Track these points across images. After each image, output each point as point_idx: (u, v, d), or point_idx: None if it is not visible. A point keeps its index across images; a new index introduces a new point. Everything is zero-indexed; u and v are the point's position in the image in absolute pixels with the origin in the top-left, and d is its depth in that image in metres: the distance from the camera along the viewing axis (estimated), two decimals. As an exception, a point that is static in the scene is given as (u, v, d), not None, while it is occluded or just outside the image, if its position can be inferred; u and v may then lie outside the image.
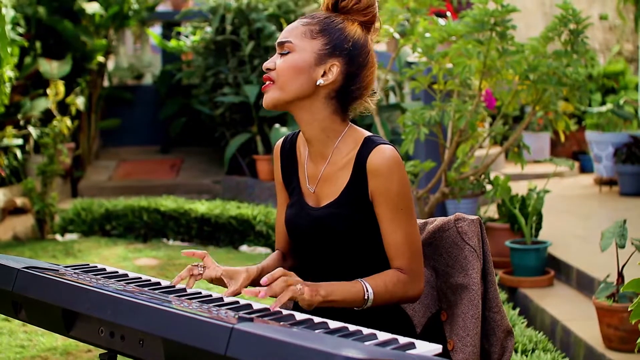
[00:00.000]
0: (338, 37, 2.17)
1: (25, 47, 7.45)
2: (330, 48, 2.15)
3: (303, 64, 2.14)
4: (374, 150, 2.13)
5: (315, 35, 2.16)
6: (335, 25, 2.17)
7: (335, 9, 2.20)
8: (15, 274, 1.94)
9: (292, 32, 2.17)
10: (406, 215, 2.13)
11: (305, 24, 2.18)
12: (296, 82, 2.14)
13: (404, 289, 2.12)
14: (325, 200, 2.21)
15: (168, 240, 7.14)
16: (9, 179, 7.93)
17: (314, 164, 2.24)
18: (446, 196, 5.60)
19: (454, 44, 5.08)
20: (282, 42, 2.16)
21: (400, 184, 2.12)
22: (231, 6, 8.88)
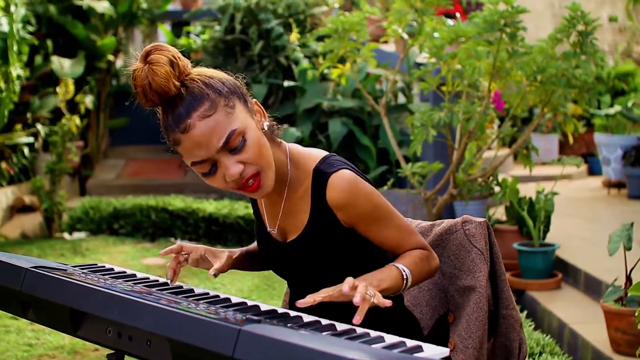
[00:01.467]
0: (229, 86, 2.02)
1: (35, 45, 7.45)
2: (240, 97, 2.01)
3: (257, 132, 1.99)
4: (328, 186, 2.04)
5: (230, 104, 1.97)
6: (204, 89, 1.98)
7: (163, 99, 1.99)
8: (23, 273, 1.94)
9: (220, 129, 1.93)
10: (388, 217, 2.10)
11: (209, 109, 1.94)
12: (268, 149, 2.02)
13: (429, 262, 2.12)
14: (290, 234, 2.16)
15: (176, 240, 7.16)
16: (17, 177, 7.95)
17: (271, 203, 2.18)
18: (454, 198, 5.60)
19: (463, 45, 5.07)
20: (227, 142, 1.93)
21: (369, 200, 2.06)
22: (240, 5, 8.88)
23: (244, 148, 1.94)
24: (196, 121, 1.92)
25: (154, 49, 1.98)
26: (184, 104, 1.95)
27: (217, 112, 1.93)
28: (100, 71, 9.38)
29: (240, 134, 1.94)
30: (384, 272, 2.01)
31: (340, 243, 2.10)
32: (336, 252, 2.11)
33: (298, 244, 2.13)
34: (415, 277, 2.05)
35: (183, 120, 1.94)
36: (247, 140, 1.95)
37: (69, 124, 7.14)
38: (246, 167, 1.96)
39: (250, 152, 1.95)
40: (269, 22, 8.70)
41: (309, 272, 2.16)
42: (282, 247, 2.18)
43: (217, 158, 1.94)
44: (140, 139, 10.64)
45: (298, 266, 2.17)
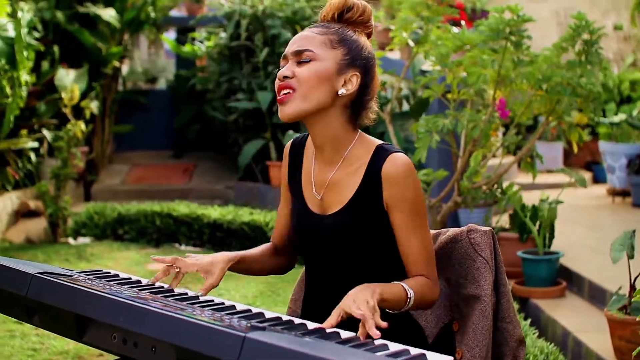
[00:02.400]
0: (356, 48, 2.17)
1: (42, 51, 7.48)
2: (349, 58, 2.16)
3: (326, 72, 2.13)
4: (388, 158, 2.14)
5: (335, 45, 2.15)
6: (350, 36, 2.18)
7: (339, 19, 2.21)
8: (29, 279, 1.95)
9: (310, 41, 2.14)
10: (421, 222, 2.15)
11: (322, 33, 2.16)
12: (319, 91, 2.13)
13: (431, 292, 2.15)
14: (332, 208, 2.21)
15: (180, 246, 7.16)
16: (22, 182, 7.96)
17: (322, 171, 2.24)
18: (459, 205, 5.60)
19: (468, 53, 5.08)
20: (301, 51, 2.13)
21: (416, 191, 2.14)
22: (246, 12, 8.91)
23: (304, 65, 2.12)
24: (308, 28, 2.20)
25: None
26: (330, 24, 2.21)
27: (321, 35, 2.15)
28: (106, 77, 9.41)
29: (312, 56, 2.13)
30: (389, 286, 2.06)
31: (374, 228, 2.15)
32: (368, 236, 2.16)
33: (338, 217, 2.18)
34: (417, 302, 2.10)
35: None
36: (309, 63, 2.12)
37: (74, 130, 7.16)
38: (291, 79, 2.12)
39: (305, 71, 2.12)
40: (276, 28, 8.72)
41: (337, 251, 2.18)
42: (320, 219, 2.21)
43: (288, 58, 2.15)
44: (145, 144, 10.68)
45: (329, 241, 2.19)
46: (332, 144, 2.20)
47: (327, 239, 2.19)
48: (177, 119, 10.40)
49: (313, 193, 2.24)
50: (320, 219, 2.22)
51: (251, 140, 8.95)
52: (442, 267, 2.34)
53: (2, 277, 2.02)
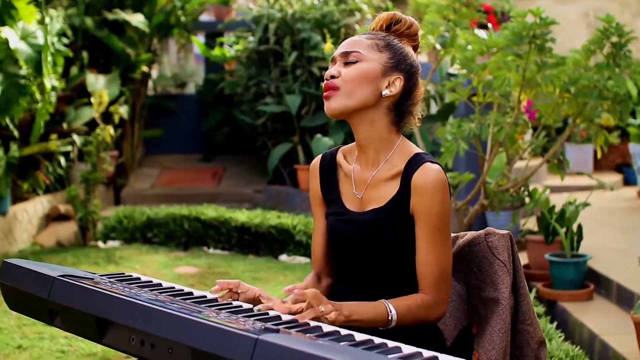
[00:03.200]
0: (401, 54, 2.26)
1: (71, 57, 7.56)
2: (394, 62, 2.24)
3: (371, 73, 2.21)
4: (420, 168, 2.17)
5: (381, 49, 2.24)
6: (396, 43, 2.28)
7: (387, 30, 2.31)
8: (51, 282, 1.99)
9: (357, 44, 2.25)
10: (442, 238, 2.16)
11: (369, 38, 2.26)
12: (363, 90, 2.21)
13: (426, 313, 2.16)
14: (370, 205, 2.24)
15: (208, 249, 7.21)
16: (53, 186, 8.05)
17: (363, 171, 2.29)
18: (485, 208, 5.59)
19: (493, 57, 5.08)
20: (348, 52, 2.23)
21: (442, 206, 2.16)
22: (275, 16, 8.95)
23: (350, 65, 2.22)
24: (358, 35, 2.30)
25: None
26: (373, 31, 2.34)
27: (368, 40, 2.26)
28: (135, 82, 9.48)
29: (359, 57, 2.23)
30: (369, 306, 2.10)
31: (404, 232, 2.19)
32: (400, 237, 2.19)
33: (373, 214, 2.22)
34: (402, 321, 2.12)
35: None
36: (355, 64, 2.22)
37: (103, 134, 7.23)
38: (337, 78, 2.22)
39: (350, 71, 2.21)
40: (305, 31, 8.75)
41: (366, 248, 2.22)
42: (355, 215, 2.25)
43: (336, 59, 2.26)
44: (174, 148, 10.75)
45: (360, 237, 2.22)
46: (375, 145, 2.25)
47: (358, 234, 2.22)
48: (205, 122, 10.46)
49: (353, 192, 2.29)
50: (355, 215, 2.25)
51: (280, 143, 8.99)
52: (460, 270, 2.36)
53: (26, 280, 2.06)
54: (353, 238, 2.25)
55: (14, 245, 7.07)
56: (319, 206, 2.39)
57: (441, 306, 2.18)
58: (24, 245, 7.27)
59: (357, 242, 2.24)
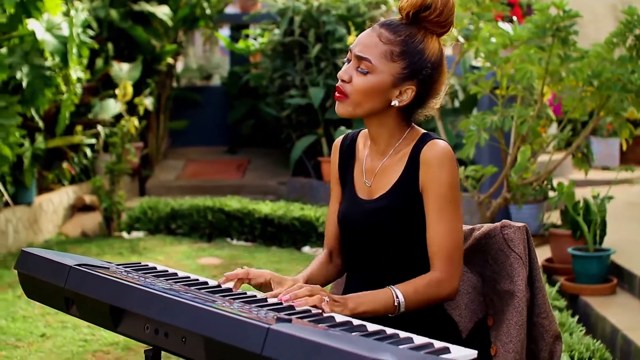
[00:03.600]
0: (417, 61, 2.18)
1: (96, 49, 7.61)
2: (408, 72, 2.18)
3: (381, 86, 2.17)
4: (428, 143, 2.18)
5: (395, 58, 2.16)
6: (416, 46, 2.18)
7: (414, 17, 2.18)
8: (67, 270, 2.01)
9: (372, 50, 2.16)
10: (451, 209, 2.16)
11: (386, 41, 2.16)
12: (371, 102, 2.18)
13: (437, 290, 2.14)
14: (378, 192, 2.25)
15: (232, 240, 7.24)
16: (79, 177, 8.12)
17: (373, 160, 2.29)
18: (508, 201, 5.58)
19: (516, 50, 5.06)
20: (361, 58, 2.16)
21: (450, 177, 2.15)
22: (300, 9, 8.95)
23: (359, 75, 2.17)
24: (378, 27, 2.19)
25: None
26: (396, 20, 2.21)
27: (386, 43, 2.17)
28: (160, 74, 9.53)
29: (370, 68, 2.16)
30: (374, 295, 2.09)
31: (413, 212, 2.18)
32: (407, 221, 2.19)
33: (379, 202, 2.22)
34: (411, 303, 2.11)
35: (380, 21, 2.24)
36: (367, 75, 2.16)
37: (128, 126, 7.28)
38: (347, 84, 2.19)
39: (359, 83, 2.17)
40: (331, 24, 8.74)
41: (375, 236, 2.22)
42: (364, 203, 2.26)
43: (352, 57, 2.20)
44: (199, 140, 10.79)
45: (368, 226, 2.22)
46: (386, 138, 2.26)
47: (369, 224, 2.23)
48: (230, 115, 10.50)
49: (364, 180, 2.29)
50: (364, 203, 2.26)
51: (304, 136, 9.00)
52: (476, 262, 2.35)
53: (43, 269, 2.08)
54: (359, 229, 2.26)
55: (39, 235, 7.14)
56: (337, 184, 2.40)
57: (453, 281, 2.15)
58: (50, 236, 7.33)
59: (363, 233, 2.25)
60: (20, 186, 6.76)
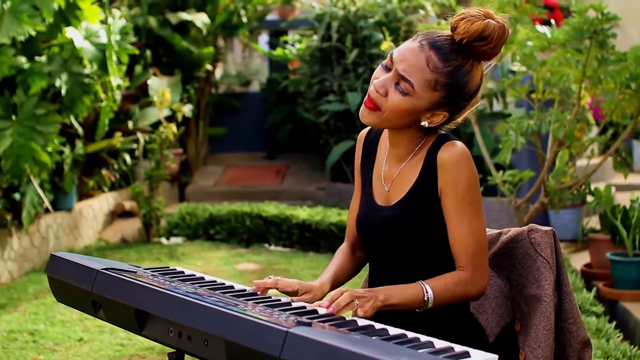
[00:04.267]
0: (457, 93, 2.16)
1: (135, 56, 7.69)
2: (445, 101, 2.16)
3: (415, 110, 2.15)
4: (444, 146, 2.17)
5: (437, 88, 2.14)
6: (461, 78, 2.15)
7: (467, 46, 2.13)
8: (94, 274, 2.03)
9: (416, 74, 2.12)
10: (472, 210, 2.15)
11: (433, 69, 2.12)
12: (401, 120, 2.17)
13: (465, 288, 2.14)
14: (394, 198, 2.24)
15: (270, 246, 7.26)
16: (119, 183, 8.19)
17: (391, 165, 2.28)
18: (545, 206, 5.53)
19: (553, 53, 5.02)
20: (403, 77, 2.12)
21: (468, 178, 2.14)
22: (337, 14, 8.97)
23: (397, 93, 2.13)
24: (427, 47, 2.13)
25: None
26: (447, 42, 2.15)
27: (432, 71, 2.13)
28: (199, 80, 9.59)
29: (410, 91, 2.12)
30: (404, 289, 2.11)
31: (431, 217, 2.18)
32: (424, 226, 2.18)
33: (396, 209, 2.22)
34: (439, 299, 2.11)
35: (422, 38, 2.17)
36: (405, 97, 2.12)
37: (167, 132, 7.34)
38: (382, 96, 2.15)
39: (395, 103, 2.14)
40: (368, 29, 8.75)
41: (393, 243, 2.22)
42: (381, 210, 2.26)
43: (392, 67, 2.15)
44: (239, 146, 10.84)
45: (386, 233, 2.22)
46: (406, 145, 2.25)
47: (383, 230, 2.23)
48: (268, 121, 10.54)
49: (382, 184, 2.29)
50: (381, 210, 2.26)
51: (342, 141, 9.00)
52: (503, 266, 2.34)
53: (71, 273, 2.11)
54: (376, 235, 2.26)
55: (79, 240, 7.22)
56: (359, 176, 2.41)
57: (480, 281, 2.15)
58: (90, 241, 7.41)
59: (380, 238, 2.25)
60: (61, 192, 6.85)
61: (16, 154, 5.52)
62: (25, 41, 5.71)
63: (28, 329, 4.79)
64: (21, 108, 5.62)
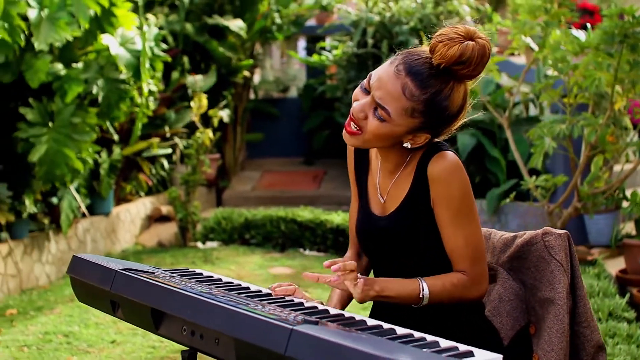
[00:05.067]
0: (438, 117, 2.13)
1: (172, 62, 7.78)
2: (424, 125, 2.12)
3: (395, 135, 2.14)
4: (434, 157, 2.15)
5: (415, 115, 2.10)
6: (440, 103, 2.11)
7: (445, 71, 2.09)
8: (113, 275, 2.08)
9: (392, 103, 2.08)
10: (467, 219, 2.15)
11: (409, 97, 2.08)
12: (383, 143, 2.17)
13: (463, 291, 2.15)
14: (390, 208, 2.25)
15: (304, 250, 7.30)
16: (155, 188, 8.29)
17: (385, 176, 2.29)
18: (578, 211, 5.51)
19: (584, 57, 5.01)
20: (380, 105, 2.09)
21: (461, 189, 2.14)
22: (373, 20, 8.99)
23: (375, 118, 2.10)
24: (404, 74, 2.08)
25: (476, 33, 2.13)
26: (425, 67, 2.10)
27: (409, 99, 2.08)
28: (237, 86, 9.66)
29: (387, 119, 2.09)
30: (401, 282, 2.13)
31: (425, 225, 2.18)
32: (419, 234, 2.18)
33: (391, 219, 2.23)
34: (435, 297, 2.13)
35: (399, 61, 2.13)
36: (383, 123, 2.10)
37: (203, 137, 7.41)
38: (362, 122, 2.13)
39: (373, 126, 2.12)
40: (403, 35, 8.76)
41: (392, 252, 2.23)
42: (377, 220, 2.27)
43: (370, 92, 2.13)
44: (276, 152, 10.90)
45: (383, 243, 2.24)
46: (396, 159, 2.24)
47: (380, 240, 2.25)
48: (305, 126, 10.58)
49: (378, 197, 2.30)
50: (378, 220, 2.27)
51: (378, 146, 9.01)
52: (518, 269, 2.35)
53: (91, 273, 2.16)
54: (374, 244, 2.28)
55: (116, 244, 7.32)
56: (355, 186, 2.41)
57: (479, 285, 2.16)
58: (127, 245, 7.51)
59: (378, 247, 2.27)
60: (98, 197, 6.95)
61: (50, 160, 5.61)
62: (62, 48, 5.81)
63: (63, 331, 4.87)
64: (58, 115, 5.71)
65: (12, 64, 5.49)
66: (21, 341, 4.70)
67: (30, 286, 6.02)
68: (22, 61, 5.49)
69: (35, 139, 5.63)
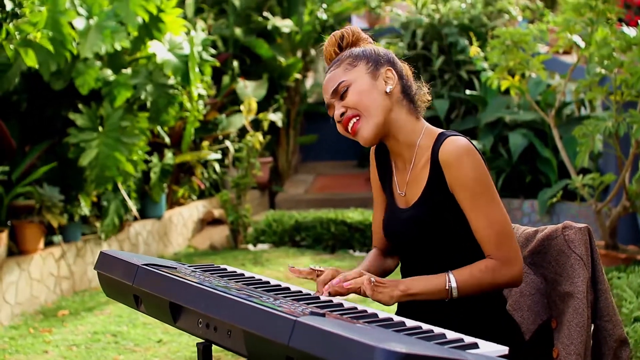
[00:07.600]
0: (370, 54, 2.30)
1: (222, 66, 7.87)
2: (373, 63, 2.28)
3: (365, 84, 2.24)
4: (444, 143, 2.19)
5: (354, 63, 2.28)
6: (359, 50, 2.32)
7: (341, 50, 2.35)
8: (135, 270, 2.13)
9: (334, 78, 2.28)
10: (485, 200, 2.16)
11: (337, 66, 2.30)
12: (373, 100, 2.23)
13: (493, 275, 2.14)
14: (412, 200, 2.28)
15: (354, 252, 7.32)
16: (208, 191, 8.39)
17: (402, 171, 2.33)
18: (627, 210, 5.44)
19: (629, 53, 4.95)
20: (335, 88, 2.26)
21: (474, 170, 2.15)
22: (422, 22, 8.99)
23: (346, 94, 2.25)
24: (327, 74, 2.33)
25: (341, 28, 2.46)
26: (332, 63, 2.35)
27: (338, 67, 2.29)
28: (288, 89, 9.73)
29: (346, 84, 2.25)
30: (425, 279, 2.14)
31: (448, 212, 2.20)
32: (443, 222, 2.20)
33: (414, 210, 2.25)
34: (465, 289, 2.13)
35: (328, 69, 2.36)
36: (349, 90, 2.24)
37: (253, 141, 7.48)
38: (347, 111, 2.25)
39: (351, 97, 2.24)
40: (452, 36, 8.74)
41: (417, 243, 2.25)
42: (401, 212, 2.30)
43: (333, 103, 2.29)
44: (330, 155, 10.95)
45: (408, 234, 2.27)
46: (405, 144, 2.29)
47: (405, 232, 2.26)
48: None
49: (398, 192, 2.33)
50: (402, 212, 2.30)
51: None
52: (539, 263, 2.35)
53: (116, 269, 2.22)
54: (400, 237, 2.31)
55: (169, 247, 7.43)
56: (378, 190, 2.46)
57: (510, 266, 2.15)
58: (179, 248, 7.62)
59: (405, 236, 2.29)
60: (150, 201, 7.06)
61: (101, 164, 5.72)
62: (111, 54, 5.93)
63: (111, 331, 4.97)
64: (107, 120, 5.83)
65: (63, 71, 5.62)
66: (70, 340, 4.81)
67: (82, 288, 6.15)
68: (72, 68, 5.62)
69: (86, 143, 5.75)
